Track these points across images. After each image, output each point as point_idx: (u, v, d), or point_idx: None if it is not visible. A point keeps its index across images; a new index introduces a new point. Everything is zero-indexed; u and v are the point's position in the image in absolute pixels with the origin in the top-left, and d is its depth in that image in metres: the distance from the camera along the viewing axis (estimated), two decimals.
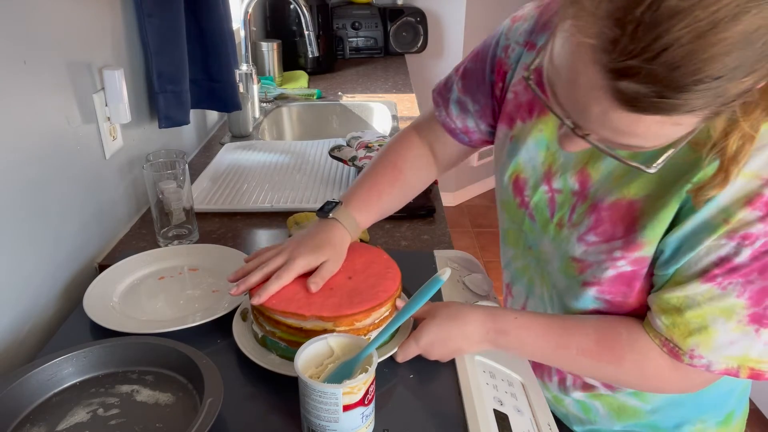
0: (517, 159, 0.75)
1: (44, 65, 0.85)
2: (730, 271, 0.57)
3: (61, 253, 0.90)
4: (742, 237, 0.55)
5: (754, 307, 0.57)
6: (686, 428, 0.78)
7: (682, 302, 0.60)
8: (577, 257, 0.68)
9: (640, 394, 0.75)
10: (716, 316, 0.58)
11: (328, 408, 0.57)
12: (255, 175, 1.29)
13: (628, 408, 0.77)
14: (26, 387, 0.64)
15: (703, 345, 0.59)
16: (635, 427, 0.79)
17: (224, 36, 1.34)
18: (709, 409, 0.77)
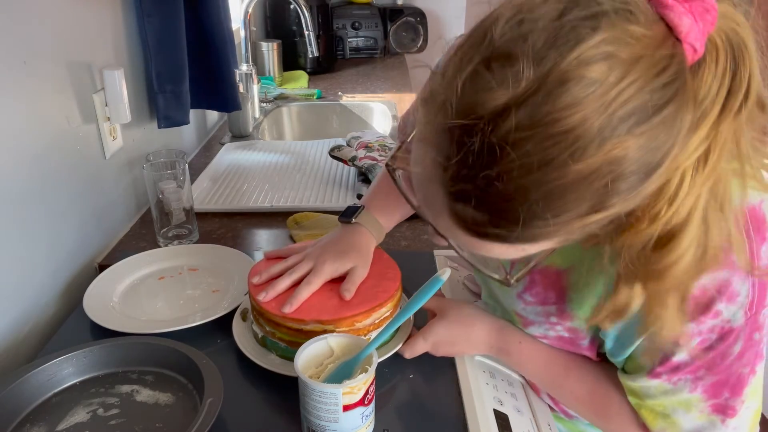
0: None
1: (44, 65, 0.85)
2: (673, 369, 0.54)
3: (61, 253, 0.90)
4: (675, 337, 0.52)
5: (713, 399, 0.55)
6: None
7: (639, 391, 0.58)
8: (519, 313, 0.67)
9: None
10: (675, 407, 0.56)
11: (328, 408, 0.57)
12: (255, 175, 1.29)
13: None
14: (26, 387, 0.64)
15: (669, 430, 0.58)
16: None
17: (224, 36, 1.34)
18: None
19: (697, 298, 0.50)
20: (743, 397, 0.55)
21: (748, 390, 0.55)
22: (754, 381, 0.55)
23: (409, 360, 0.71)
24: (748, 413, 0.56)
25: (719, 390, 0.54)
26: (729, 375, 0.54)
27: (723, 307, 0.50)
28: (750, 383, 0.54)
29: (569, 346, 0.65)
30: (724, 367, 0.53)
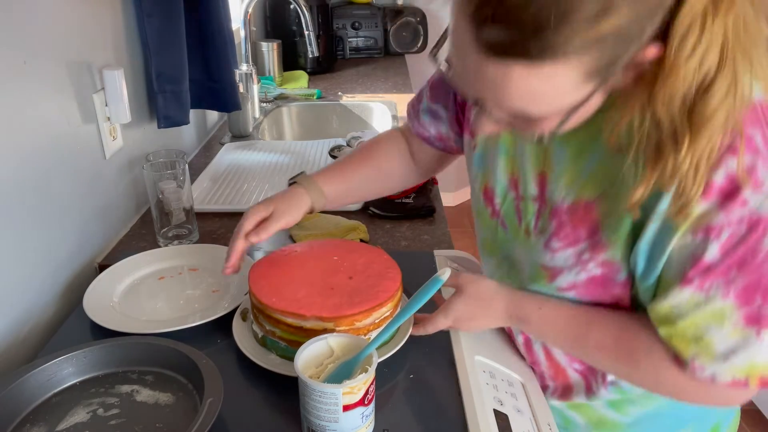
0: (483, 168, 0.74)
1: (44, 65, 0.85)
2: (705, 271, 0.53)
3: (61, 253, 0.90)
4: (706, 231, 0.51)
5: (745, 306, 0.52)
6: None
7: (671, 312, 0.56)
8: (547, 265, 0.66)
9: (619, 406, 0.72)
10: (708, 324, 0.54)
11: (328, 408, 0.57)
12: (255, 175, 1.29)
13: (607, 421, 0.74)
14: (26, 387, 0.64)
15: (703, 355, 0.55)
16: None
17: (224, 36, 1.34)
18: (690, 420, 0.73)
19: (723, 186, 0.49)
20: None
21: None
22: None
23: (409, 360, 0.71)
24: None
25: (751, 294, 0.52)
26: (761, 275, 0.51)
27: (749, 195, 0.49)
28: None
29: (600, 289, 0.63)
30: (756, 265, 0.51)
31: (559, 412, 0.77)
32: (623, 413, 0.73)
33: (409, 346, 0.73)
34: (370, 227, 1.08)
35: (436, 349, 0.74)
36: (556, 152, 0.64)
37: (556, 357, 0.74)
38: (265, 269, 0.75)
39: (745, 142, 0.49)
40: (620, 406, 0.73)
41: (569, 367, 0.73)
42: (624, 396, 0.71)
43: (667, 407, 0.71)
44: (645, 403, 0.72)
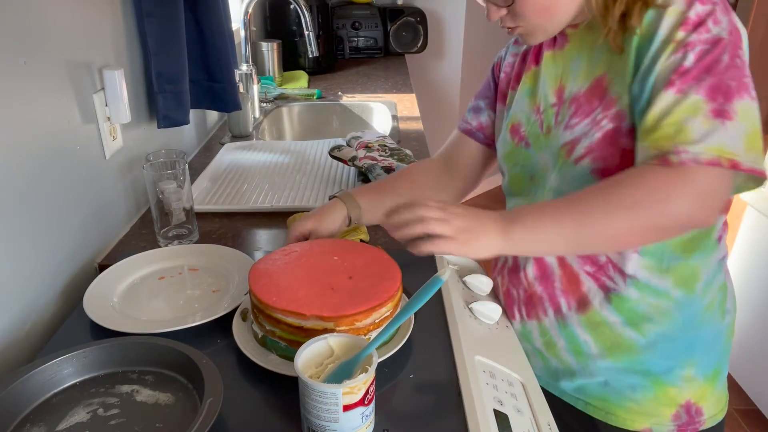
0: (512, 113, 0.87)
1: (44, 65, 0.85)
2: (683, 74, 0.64)
3: (61, 253, 0.90)
4: (685, 46, 0.65)
5: (711, 102, 0.63)
6: (676, 373, 0.78)
7: (657, 116, 0.65)
8: (567, 142, 0.76)
9: (637, 325, 0.76)
10: (686, 116, 0.64)
11: (328, 408, 0.57)
12: (255, 175, 1.29)
13: (622, 342, 0.77)
14: (26, 387, 0.64)
15: (683, 142, 0.63)
16: (626, 367, 0.78)
17: (224, 36, 1.34)
18: (699, 350, 0.78)
19: (695, 20, 0.65)
20: (734, 107, 0.63)
21: (737, 104, 0.63)
22: (741, 102, 0.63)
23: (409, 360, 0.71)
24: (741, 129, 0.63)
25: (715, 93, 0.63)
26: (721, 81, 0.64)
27: (712, 25, 0.65)
28: (738, 98, 0.63)
29: (612, 146, 0.71)
30: (718, 71, 0.64)
31: (573, 339, 0.80)
32: (641, 332, 0.77)
33: (409, 346, 0.73)
34: (370, 227, 1.08)
35: (436, 349, 0.74)
36: (572, 64, 0.78)
37: (569, 260, 0.78)
38: (265, 269, 0.75)
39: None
40: (639, 324, 0.76)
41: (581, 271, 0.77)
42: (643, 292, 0.75)
43: (681, 329, 0.77)
44: (661, 321, 0.76)
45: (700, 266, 0.76)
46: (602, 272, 0.76)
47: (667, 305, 0.76)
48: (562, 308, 0.80)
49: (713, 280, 0.77)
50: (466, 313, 0.81)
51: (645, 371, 0.78)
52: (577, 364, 0.81)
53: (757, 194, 1.96)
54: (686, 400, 0.79)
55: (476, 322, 0.81)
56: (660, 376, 0.78)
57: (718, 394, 0.82)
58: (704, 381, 0.79)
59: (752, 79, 0.67)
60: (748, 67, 0.66)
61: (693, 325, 0.77)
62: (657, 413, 0.79)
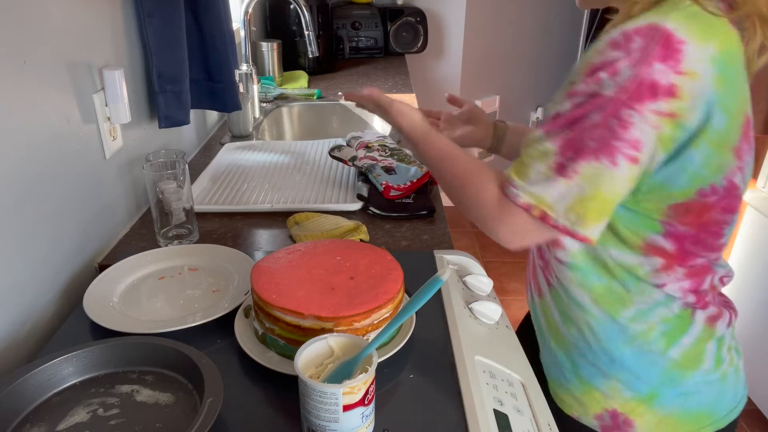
0: None
1: (44, 65, 0.85)
2: (555, 118, 0.66)
3: (61, 253, 0.90)
4: (572, 92, 0.64)
5: (561, 156, 0.64)
6: (600, 380, 0.80)
7: (524, 144, 0.69)
8: None
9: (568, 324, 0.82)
10: (535, 158, 0.66)
11: (328, 408, 0.57)
12: (255, 175, 1.29)
13: (560, 334, 0.84)
14: (26, 387, 0.64)
15: (520, 177, 0.68)
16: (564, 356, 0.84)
17: (224, 36, 1.34)
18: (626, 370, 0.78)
19: (593, 65, 0.63)
20: (579, 167, 0.63)
21: (584, 165, 0.63)
22: (590, 165, 0.63)
23: (409, 360, 0.71)
24: (575, 189, 0.64)
25: (567, 149, 0.64)
26: (580, 137, 0.63)
27: (604, 76, 0.61)
28: (588, 160, 0.63)
29: None
30: (580, 128, 0.63)
31: (536, 318, 0.89)
32: (570, 331, 0.82)
33: (409, 346, 0.73)
34: (370, 227, 1.08)
35: (436, 349, 0.74)
36: None
37: (533, 255, 0.87)
38: (267, 267, 0.75)
39: (627, 42, 0.61)
40: (569, 323, 0.82)
41: (537, 264, 0.86)
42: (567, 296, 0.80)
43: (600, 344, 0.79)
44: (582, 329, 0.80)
45: (629, 295, 0.75)
46: (548, 269, 0.83)
47: (587, 319, 0.79)
48: (531, 290, 0.90)
49: (651, 313, 0.75)
50: (466, 313, 0.81)
51: (576, 367, 0.82)
52: (542, 343, 0.89)
53: (757, 194, 1.96)
54: (612, 407, 0.80)
55: (476, 322, 0.81)
56: (587, 376, 0.81)
57: (658, 416, 0.79)
58: (634, 398, 0.79)
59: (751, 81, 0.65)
60: (642, 123, 0.61)
61: (615, 346, 0.77)
62: (584, 406, 0.83)
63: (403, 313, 0.67)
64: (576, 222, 0.65)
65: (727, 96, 0.62)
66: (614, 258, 0.73)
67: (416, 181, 1.18)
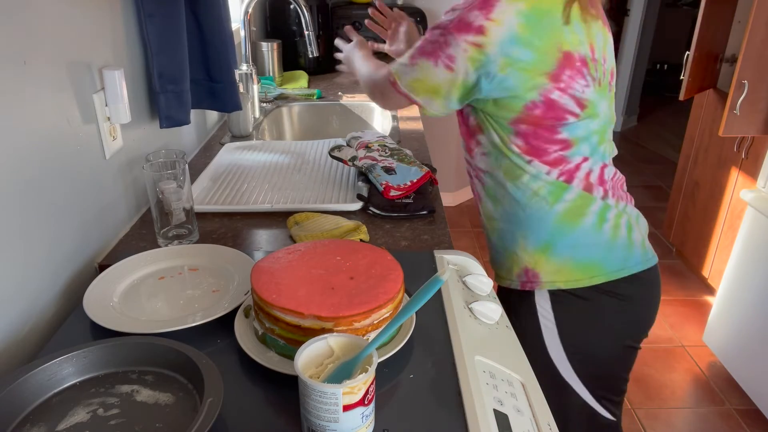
0: None
1: (44, 65, 0.85)
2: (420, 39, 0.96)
3: (61, 253, 0.90)
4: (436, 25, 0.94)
5: (412, 55, 0.96)
6: (515, 242, 1.02)
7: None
8: None
9: (493, 202, 1.04)
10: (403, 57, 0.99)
11: (328, 408, 0.57)
12: (255, 175, 1.29)
13: (490, 214, 1.06)
14: (26, 387, 0.64)
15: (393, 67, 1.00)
16: (496, 241, 1.07)
17: (224, 36, 1.34)
18: (528, 225, 1.00)
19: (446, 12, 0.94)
20: (417, 60, 0.95)
21: (419, 59, 0.94)
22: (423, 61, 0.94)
23: (409, 360, 0.71)
24: (414, 71, 0.96)
25: (417, 51, 0.95)
26: (424, 45, 0.94)
27: (447, 16, 0.92)
28: (423, 58, 0.94)
29: None
30: (426, 41, 0.94)
31: (483, 224, 1.11)
32: (495, 208, 1.04)
33: (409, 346, 0.73)
34: (370, 227, 1.08)
35: (436, 349, 0.74)
36: None
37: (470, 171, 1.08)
38: (267, 267, 0.75)
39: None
40: (493, 201, 1.04)
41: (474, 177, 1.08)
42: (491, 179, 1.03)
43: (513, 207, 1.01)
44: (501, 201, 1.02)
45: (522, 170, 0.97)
46: (477, 175, 1.06)
47: (501, 191, 1.01)
48: (477, 204, 1.11)
49: (539, 177, 0.96)
50: (466, 313, 0.81)
51: (501, 240, 1.05)
52: (488, 241, 1.11)
53: (757, 194, 1.96)
54: (524, 265, 1.02)
55: (476, 322, 0.81)
56: (507, 244, 1.04)
57: (556, 265, 1.00)
58: (535, 252, 1.00)
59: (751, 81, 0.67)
60: (457, 45, 0.89)
61: (521, 206, 0.99)
62: (510, 271, 1.05)
63: (403, 313, 0.67)
64: (411, 91, 0.97)
65: (533, 37, 0.86)
66: (505, 150, 0.97)
67: (416, 181, 1.18)
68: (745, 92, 1.89)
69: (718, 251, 2.50)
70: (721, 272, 2.42)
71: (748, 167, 2.30)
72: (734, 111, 1.95)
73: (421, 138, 1.61)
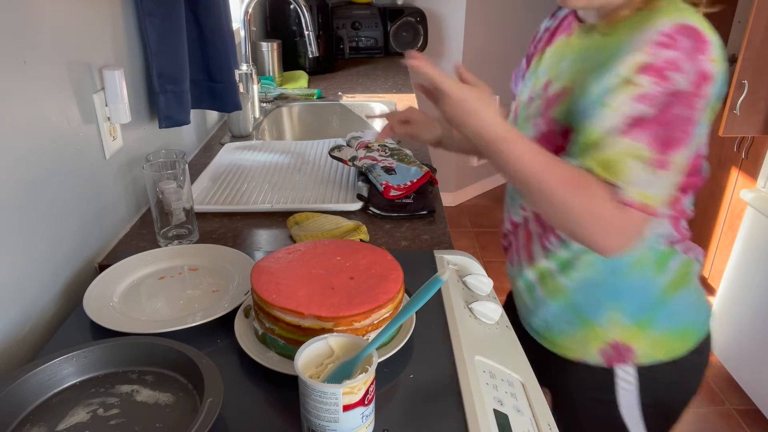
0: (519, 92, 0.96)
1: (44, 65, 0.85)
2: (637, 121, 0.67)
3: (61, 253, 0.90)
4: (642, 97, 0.67)
5: (655, 151, 0.68)
6: (601, 314, 0.88)
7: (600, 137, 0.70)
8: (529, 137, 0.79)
9: (566, 271, 0.88)
10: (625, 159, 0.68)
11: (328, 408, 0.57)
12: (255, 175, 1.29)
13: (558, 286, 0.90)
14: (26, 387, 0.64)
15: (621, 179, 0.68)
16: (562, 306, 0.90)
17: (224, 36, 1.34)
18: (624, 297, 0.86)
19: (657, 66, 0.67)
20: (674, 158, 0.68)
21: (677, 155, 0.68)
22: (680, 153, 0.68)
23: (409, 360, 0.71)
24: (671, 179, 0.69)
25: (658, 143, 0.67)
26: (670, 131, 0.67)
27: (672, 75, 0.67)
28: (679, 150, 0.68)
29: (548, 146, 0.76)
30: (669, 123, 0.67)
31: (528, 283, 0.94)
32: (570, 278, 0.88)
33: (409, 346, 0.73)
34: (370, 227, 1.08)
35: (436, 349, 0.74)
36: (563, 62, 0.84)
37: (529, 225, 0.91)
38: (267, 267, 0.75)
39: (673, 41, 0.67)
40: (568, 271, 0.88)
41: (534, 232, 0.91)
42: (571, 254, 0.86)
43: (604, 276, 0.86)
44: (585, 269, 0.86)
45: None
46: (547, 234, 0.88)
47: (589, 257, 0.85)
48: (522, 258, 0.95)
49: (644, 247, 0.83)
50: (466, 313, 0.81)
51: (576, 311, 0.89)
52: (532, 304, 0.95)
53: (757, 194, 1.96)
54: (613, 339, 0.88)
55: (476, 322, 0.81)
56: (587, 316, 0.89)
57: (654, 338, 0.87)
58: (633, 325, 0.87)
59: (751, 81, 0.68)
60: (703, 108, 0.69)
61: (617, 275, 0.85)
62: (586, 346, 0.90)
63: (403, 313, 0.67)
64: (661, 205, 0.70)
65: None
66: None
67: (416, 181, 1.18)
68: (745, 92, 1.89)
69: (718, 251, 2.50)
70: (721, 272, 2.42)
71: (748, 167, 2.30)
72: (734, 111, 1.95)
73: None
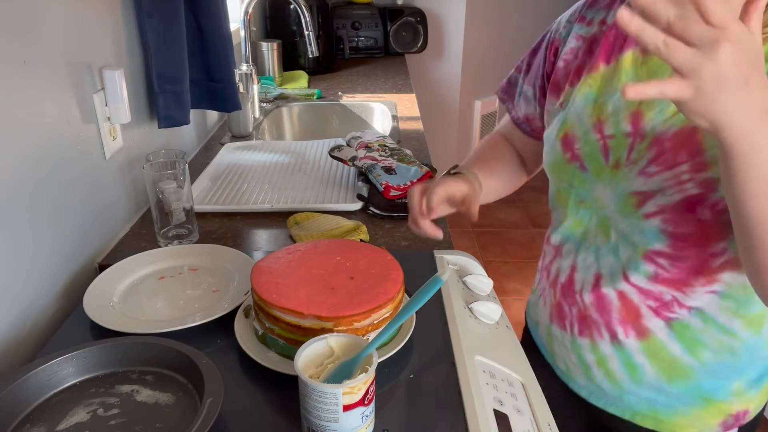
0: (565, 118, 0.78)
1: (44, 65, 0.85)
2: None
3: (61, 253, 0.90)
4: None
5: None
6: (726, 389, 0.77)
7: None
8: (638, 191, 0.68)
9: (696, 352, 0.74)
10: None
11: (328, 408, 0.57)
12: (255, 175, 1.29)
13: (679, 367, 0.75)
14: (26, 387, 0.64)
15: None
16: (680, 387, 0.77)
17: (224, 36, 1.34)
18: (744, 368, 0.76)
19: None
20: None
21: None
22: None
23: (409, 360, 0.71)
24: None
25: None
26: None
27: None
28: None
29: (687, 214, 0.65)
30: None
31: (629, 362, 0.77)
32: (698, 359, 0.74)
33: (409, 346, 0.73)
34: (370, 227, 1.08)
35: (436, 349, 0.74)
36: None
37: (629, 295, 0.74)
38: (267, 267, 0.75)
39: None
40: (698, 350, 0.74)
41: (643, 305, 0.74)
42: (708, 324, 0.72)
43: (741, 361, 0.74)
44: (722, 353, 0.74)
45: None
46: (666, 308, 0.73)
47: (731, 342, 0.73)
48: (618, 335, 0.77)
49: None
50: (466, 313, 0.81)
51: (699, 389, 0.77)
52: (632, 383, 0.79)
53: None
54: (737, 410, 0.79)
55: (476, 322, 0.81)
56: (711, 394, 0.77)
57: (763, 392, 0.80)
58: (750, 389, 0.78)
59: None
60: None
61: (754, 359, 0.75)
62: (706, 422, 0.79)
63: (403, 313, 0.67)
64: None
65: None
66: None
67: (416, 181, 1.18)
68: None
69: None
70: None
71: None
72: None
73: (421, 138, 1.61)
